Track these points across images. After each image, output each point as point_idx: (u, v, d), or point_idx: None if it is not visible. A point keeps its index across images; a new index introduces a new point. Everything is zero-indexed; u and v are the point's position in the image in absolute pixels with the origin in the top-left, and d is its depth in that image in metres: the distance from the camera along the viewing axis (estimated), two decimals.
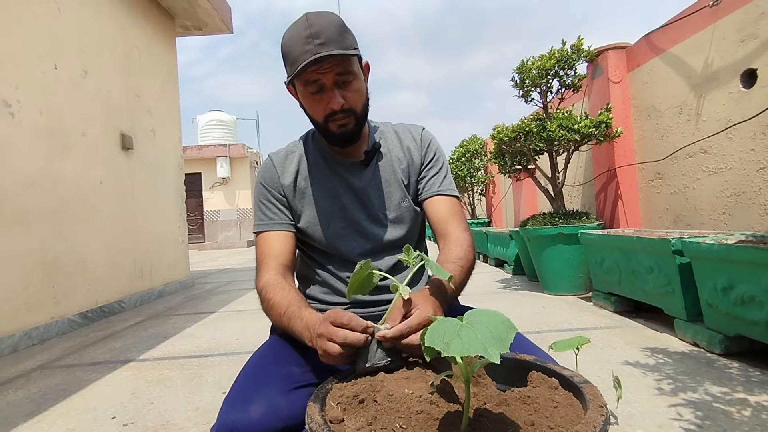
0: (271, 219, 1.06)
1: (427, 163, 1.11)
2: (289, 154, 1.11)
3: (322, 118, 0.99)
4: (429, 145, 1.12)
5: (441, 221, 1.05)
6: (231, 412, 0.79)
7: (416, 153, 1.11)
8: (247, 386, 0.84)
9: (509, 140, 3.41)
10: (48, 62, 3.19)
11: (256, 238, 1.08)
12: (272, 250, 1.03)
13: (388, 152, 1.11)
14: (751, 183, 2.47)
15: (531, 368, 0.77)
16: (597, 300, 2.83)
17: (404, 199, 1.09)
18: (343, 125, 0.98)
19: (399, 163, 1.10)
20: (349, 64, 0.95)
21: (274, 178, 1.08)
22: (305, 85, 0.96)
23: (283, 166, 1.09)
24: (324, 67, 0.92)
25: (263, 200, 1.08)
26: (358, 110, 0.99)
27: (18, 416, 1.62)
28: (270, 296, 0.93)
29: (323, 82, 0.94)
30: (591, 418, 0.57)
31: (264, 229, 1.06)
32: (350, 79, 0.96)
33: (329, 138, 1.03)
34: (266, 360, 0.92)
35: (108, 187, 3.79)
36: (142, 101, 4.48)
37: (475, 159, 7.52)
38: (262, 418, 0.77)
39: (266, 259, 1.02)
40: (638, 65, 3.42)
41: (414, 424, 0.60)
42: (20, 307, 2.78)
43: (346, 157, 1.08)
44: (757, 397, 1.36)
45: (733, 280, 1.69)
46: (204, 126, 15.69)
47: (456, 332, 0.54)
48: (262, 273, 1.00)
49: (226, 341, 2.52)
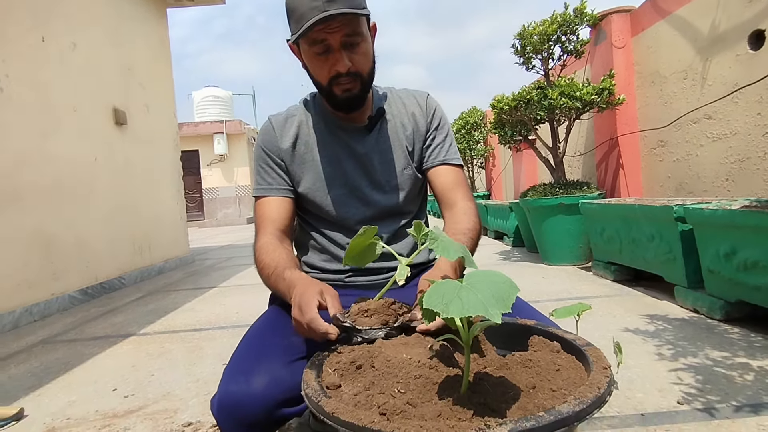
0: (269, 184, 1.04)
1: (433, 131, 1.08)
2: (289, 117, 1.07)
3: (327, 81, 0.94)
4: (435, 111, 1.09)
5: (447, 191, 1.02)
6: (233, 383, 0.77)
7: (421, 119, 1.08)
8: (248, 358, 0.83)
9: (509, 109, 3.34)
10: (35, 35, 3.09)
11: (255, 203, 1.06)
12: (270, 215, 1.02)
13: (393, 118, 1.07)
14: (756, 148, 2.43)
15: (532, 333, 0.76)
16: (597, 269, 2.82)
17: (407, 166, 1.06)
18: (348, 89, 0.94)
19: (403, 129, 1.07)
20: (359, 24, 0.90)
21: (273, 141, 1.05)
22: (311, 45, 0.91)
23: (283, 129, 1.05)
24: (332, 27, 0.86)
25: (262, 164, 1.06)
26: (364, 74, 0.95)
27: (20, 389, 1.63)
28: (261, 257, 0.94)
29: (330, 43, 0.89)
30: (595, 379, 0.56)
31: (263, 193, 1.04)
32: (358, 41, 0.91)
33: (332, 102, 0.99)
34: (266, 331, 0.91)
35: (103, 163, 3.74)
36: (135, 75, 4.37)
37: (474, 131, 7.42)
38: (264, 390, 0.76)
39: (264, 223, 1.02)
40: (643, 29, 3.32)
41: (413, 388, 0.58)
42: (20, 284, 2.77)
43: (350, 122, 1.04)
44: (760, 361, 1.35)
45: (736, 246, 1.67)
46: (200, 102, 15.46)
47: (456, 293, 0.52)
48: (259, 237, 0.99)
49: (226, 315, 2.52)
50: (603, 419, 1.09)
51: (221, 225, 14.14)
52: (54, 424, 1.33)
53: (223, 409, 0.76)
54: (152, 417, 1.32)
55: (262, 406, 0.75)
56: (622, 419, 1.09)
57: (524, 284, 2.73)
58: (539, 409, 0.53)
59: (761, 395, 1.14)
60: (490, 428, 0.45)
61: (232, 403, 0.75)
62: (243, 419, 0.75)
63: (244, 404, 0.75)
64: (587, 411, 0.49)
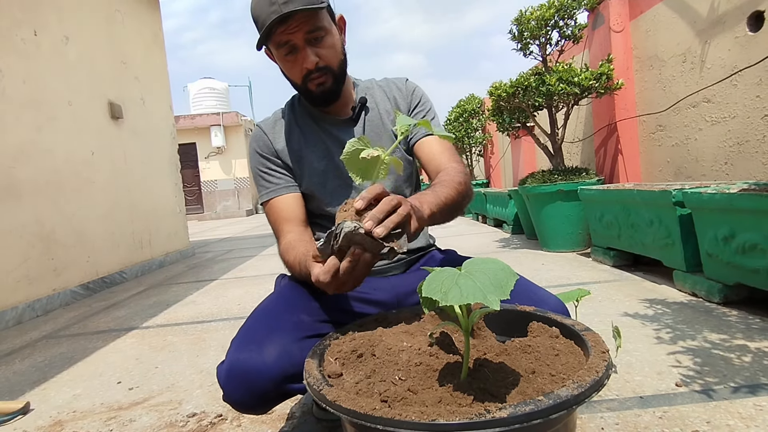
0: (276, 185, 1.06)
1: (414, 108, 1.10)
2: (278, 120, 1.10)
3: (300, 80, 0.97)
4: (414, 92, 1.12)
5: (434, 158, 1.02)
6: (244, 351, 0.78)
7: (402, 102, 1.10)
8: (260, 330, 0.83)
9: (507, 96, 3.32)
10: (27, 28, 3.06)
11: (265, 208, 1.07)
12: (284, 215, 1.04)
13: (376, 106, 1.10)
14: (755, 131, 2.42)
15: (531, 319, 0.76)
16: (596, 255, 2.83)
17: (396, 149, 1.08)
18: (321, 83, 0.97)
19: (387, 115, 1.09)
20: (318, 19, 0.91)
21: (267, 144, 1.07)
22: (277, 48, 0.94)
23: (273, 132, 1.08)
24: (291, 27, 0.89)
25: (263, 169, 1.07)
26: (334, 67, 0.97)
27: (25, 384, 1.64)
28: (287, 259, 0.95)
29: (294, 42, 0.92)
30: (593, 363, 0.56)
31: (270, 196, 1.05)
32: (321, 35, 0.93)
33: (310, 98, 1.02)
34: (277, 307, 0.92)
35: (100, 157, 3.73)
36: (129, 68, 4.34)
37: (472, 119, 7.39)
38: (276, 361, 0.77)
39: (280, 226, 1.03)
40: (641, 12, 3.29)
41: (413, 375, 0.59)
42: (20, 280, 2.78)
43: (334, 116, 1.07)
44: (758, 343, 1.37)
45: (735, 229, 1.67)
46: (196, 94, 15.35)
47: (454, 281, 0.52)
48: (280, 240, 1.01)
49: (228, 307, 2.53)
50: (602, 402, 1.11)
51: (221, 218, 14.14)
52: (60, 417, 1.34)
53: (232, 377, 0.77)
54: (157, 408, 1.33)
55: (273, 376, 0.76)
56: (620, 402, 1.10)
57: (523, 271, 2.73)
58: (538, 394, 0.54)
59: (759, 376, 1.16)
60: (491, 413, 0.46)
61: (243, 371, 0.76)
62: (252, 388, 0.76)
63: (255, 372, 0.76)
64: (586, 394, 0.50)
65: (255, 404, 0.78)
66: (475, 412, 0.46)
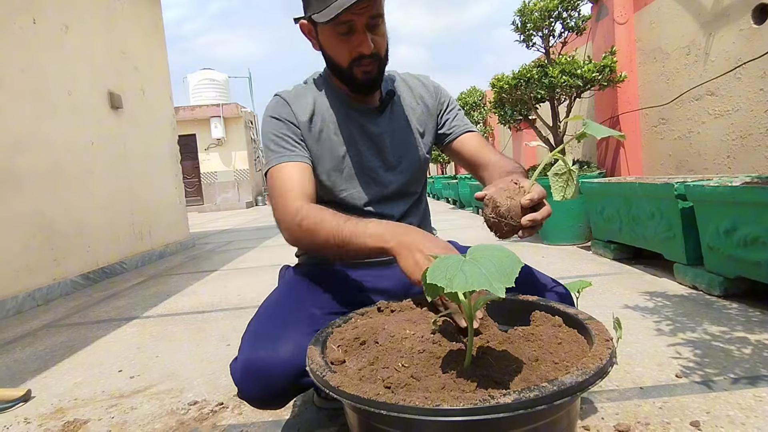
0: (291, 150, 0.97)
1: (446, 108, 1.12)
2: (300, 95, 1.04)
3: (348, 63, 0.93)
4: (441, 91, 1.14)
5: (478, 153, 1.07)
6: (259, 350, 0.77)
7: (430, 100, 1.11)
8: (272, 326, 0.83)
9: (509, 88, 3.31)
10: (25, 17, 3.03)
11: (270, 173, 0.97)
12: (294, 181, 0.93)
13: (400, 100, 1.09)
14: (758, 124, 2.41)
15: (534, 308, 0.76)
16: (596, 248, 2.83)
17: (418, 146, 1.09)
18: (368, 72, 0.94)
19: (412, 111, 1.09)
20: (380, 5, 0.89)
21: (288, 111, 1.00)
22: (334, 25, 0.88)
23: (296, 103, 1.02)
24: (359, 7, 0.85)
25: (278, 133, 0.98)
26: (382, 55, 0.96)
27: (26, 372, 1.65)
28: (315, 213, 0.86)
29: (355, 24, 0.88)
30: (597, 351, 0.56)
31: (281, 161, 0.95)
32: (380, 22, 0.91)
33: (352, 83, 0.98)
34: (287, 301, 0.91)
35: (100, 148, 3.71)
36: (129, 58, 4.31)
37: (474, 112, 7.36)
38: (292, 358, 0.76)
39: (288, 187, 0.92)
40: (645, 4, 3.26)
41: (416, 362, 0.59)
42: (20, 270, 2.78)
43: (362, 104, 1.04)
44: (758, 335, 1.37)
45: (737, 222, 1.67)
46: (195, 86, 15.26)
47: (459, 268, 0.52)
48: (289, 202, 0.90)
49: (228, 297, 2.54)
50: (602, 393, 1.11)
51: (221, 209, 14.13)
52: (62, 405, 1.34)
53: (248, 375, 0.76)
54: (158, 396, 1.34)
55: (289, 373, 0.76)
56: (621, 392, 1.11)
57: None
58: (542, 381, 0.54)
59: (758, 368, 1.16)
60: (495, 398, 0.46)
61: (258, 369, 0.76)
62: (269, 385, 0.76)
63: (271, 370, 0.76)
64: (590, 381, 0.50)
65: (272, 401, 0.79)
66: (479, 398, 0.46)
